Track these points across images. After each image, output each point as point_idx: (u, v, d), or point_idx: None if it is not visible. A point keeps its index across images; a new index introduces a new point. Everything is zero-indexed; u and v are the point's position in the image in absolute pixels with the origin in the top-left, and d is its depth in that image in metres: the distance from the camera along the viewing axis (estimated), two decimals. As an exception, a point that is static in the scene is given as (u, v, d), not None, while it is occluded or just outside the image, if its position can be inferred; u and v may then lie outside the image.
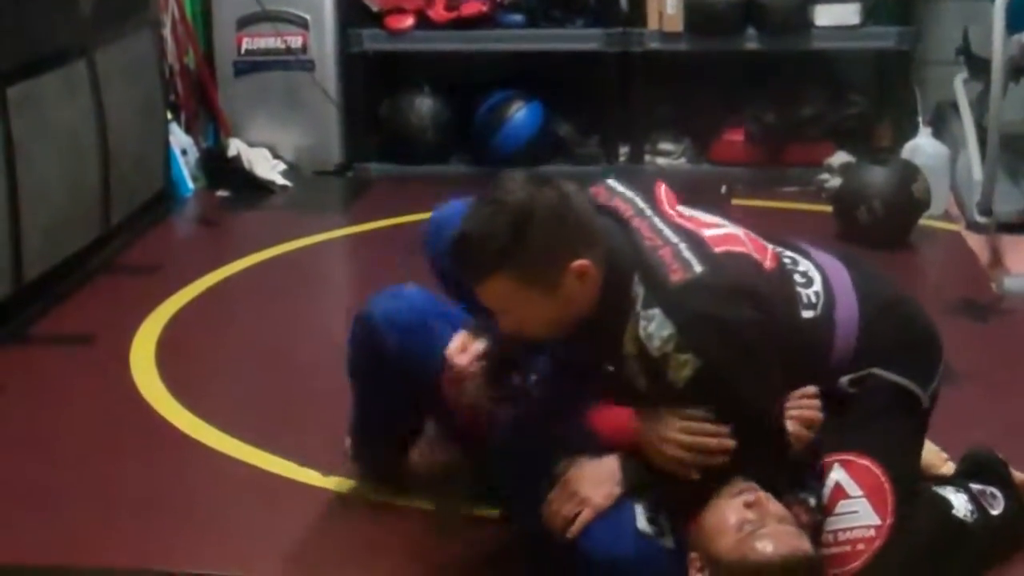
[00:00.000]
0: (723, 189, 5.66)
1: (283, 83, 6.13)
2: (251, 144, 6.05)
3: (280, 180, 5.97)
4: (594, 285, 2.52)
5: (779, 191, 5.68)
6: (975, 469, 3.00)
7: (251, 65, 6.15)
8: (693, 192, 3.08)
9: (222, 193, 5.85)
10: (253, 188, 5.88)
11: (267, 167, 5.99)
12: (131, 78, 5.25)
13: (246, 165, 5.90)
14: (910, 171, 5.07)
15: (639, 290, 2.51)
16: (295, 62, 6.10)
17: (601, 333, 2.55)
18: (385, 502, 3.13)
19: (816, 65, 6.06)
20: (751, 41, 5.84)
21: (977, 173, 4.98)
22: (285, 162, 6.11)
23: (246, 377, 3.99)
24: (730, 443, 2.51)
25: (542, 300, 2.51)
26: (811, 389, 2.67)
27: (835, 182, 5.29)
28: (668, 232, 2.57)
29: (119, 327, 4.27)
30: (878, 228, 4.94)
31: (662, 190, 2.67)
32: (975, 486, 2.90)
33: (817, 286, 2.75)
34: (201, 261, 4.96)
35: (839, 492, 2.69)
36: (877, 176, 5.03)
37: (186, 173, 5.84)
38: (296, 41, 6.09)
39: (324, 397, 3.73)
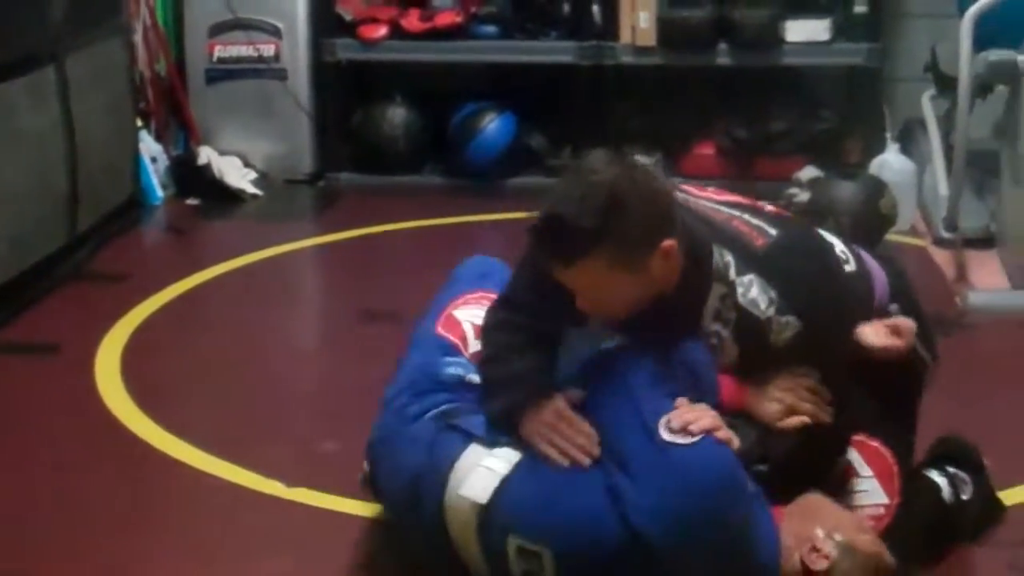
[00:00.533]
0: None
1: (255, 91, 6.13)
2: (222, 152, 6.04)
3: (251, 189, 5.97)
4: (677, 263, 2.51)
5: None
6: (949, 453, 3.04)
7: (223, 73, 6.15)
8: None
9: (192, 201, 5.84)
10: (223, 197, 5.87)
11: (238, 176, 5.98)
12: (101, 85, 5.24)
13: (216, 173, 5.89)
14: (877, 186, 5.08)
15: (728, 259, 2.54)
16: (267, 70, 6.10)
17: (678, 310, 2.55)
18: (350, 514, 3.13)
19: (787, 81, 6.09)
20: (723, 56, 5.86)
21: (943, 189, 5.01)
22: (256, 171, 6.10)
23: (212, 387, 3.98)
24: (830, 398, 2.58)
25: (629, 280, 2.49)
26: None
27: (804, 196, 5.29)
28: (724, 207, 2.63)
29: (85, 336, 4.26)
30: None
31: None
32: (951, 470, 2.97)
33: (839, 242, 2.84)
34: (169, 269, 4.95)
35: (850, 471, 2.79)
36: (845, 191, 5.04)
37: (155, 181, 5.83)
38: (269, 49, 6.09)
39: (291, 408, 3.75)
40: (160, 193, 5.85)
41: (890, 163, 5.38)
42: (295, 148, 6.18)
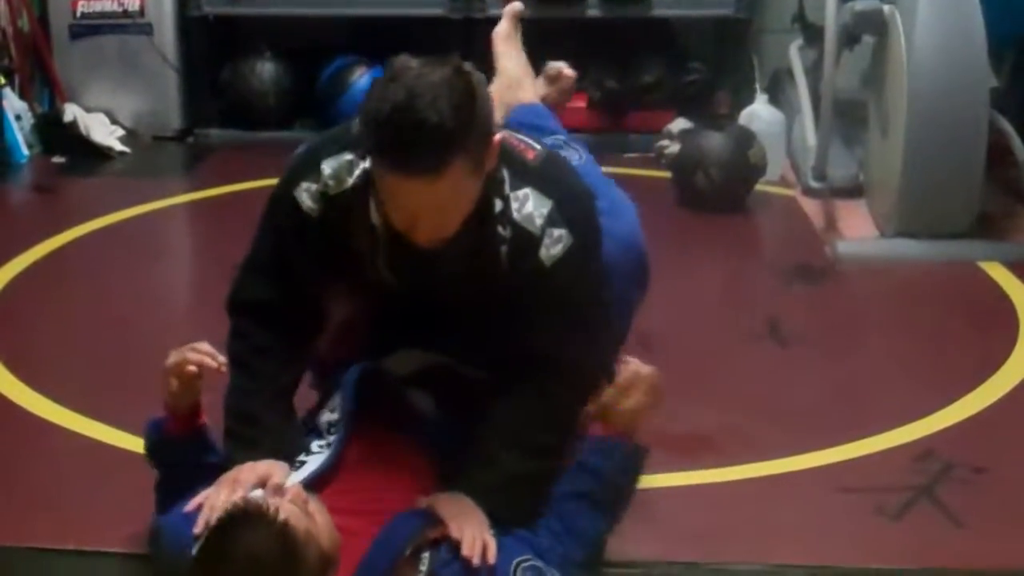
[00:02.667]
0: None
1: (120, 47, 6.03)
2: (88, 109, 5.94)
3: (118, 146, 5.88)
4: (495, 160, 2.42)
5: (620, 157, 5.72)
6: None
7: (87, 29, 6.04)
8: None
9: (58, 159, 5.74)
10: (90, 154, 5.78)
11: (104, 133, 5.89)
12: (-39, 42, 5.13)
13: (83, 131, 5.80)
14: (746, 137, 5.15)
15: (503, 174, 2.46)
16: (132, 25, 6.00)
17: (472, 237, 2.45)
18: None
19: (656, 32, 6.12)
20: (592, 8, 5.88)
21: (812, 139, 5.07)
22: (123, 128, 6.02)
23: (82, 347, 3.93)
24: None
25: (474, 185, 2.36)
26: None
27: (674, 148, 5.35)
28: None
29: (-50, 296, 4.19)
30: (715, 193, 5.02)
31: None
32: None
33: None
34: (36, 229, 4.86)
35: None
36: (714, 142, 5.10)
37: (20, 139, 5.72)
38: (133, 4, 5.99)
39: (159, 365, 3.68)
40: (25, 151, 5.75)
41: (759, 114, 5.44)
42: (163, 104, 6.10)
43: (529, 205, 2.46)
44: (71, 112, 5.85)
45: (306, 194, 2.53)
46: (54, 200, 5.42)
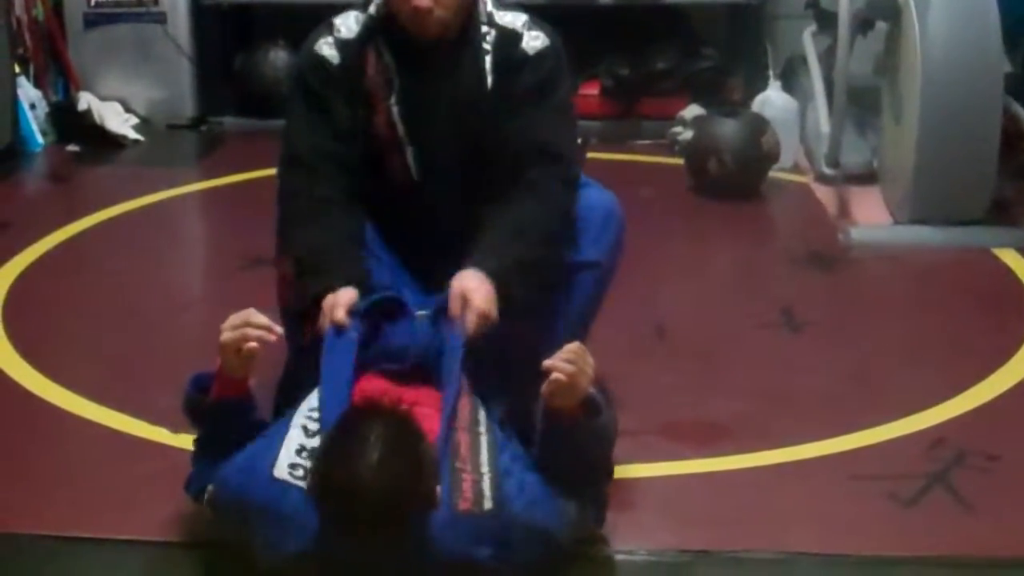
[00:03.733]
0: (578, 141, 5.68)
1: (134, 36, 6.05)
2: (102, 98, 5.95)
3: (132, 134, 5.89)
4: None
5: (633, 144, 5.73)
6: None
7: (101, 17, 6.06)
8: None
9: (72, 148, 5.76)
10: (104, 143, 5.79)
11: (118, 121, 5.90)
12: (-24, 32, 5.14)
13: (97, 119, 5.81)
14: (759, 124, 5.15)
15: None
16: (146, 14, 6.02)
17: (462, 56, 2.88)
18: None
19: (669, 19, 6.11)
20: (606, -4, 5.89)
21: (825, 126, 5.06)
22: (137, 116, 6.03)
23: (95, 335, 3.94)
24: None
25: None
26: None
27: (687, 134, 5.35)
28: None
29: (-35, 285, 4.20)
30: (729, 180, 5.02)
31: None
32: None
33: None
34: (50, 217, 4.87)
35: None
36: (727, 129, 5.10)
37: (35, 128, 5.74)
38: (147, -7, 6.01)
39: (175, 354, 3.71)
40: (40, 140, 5.76)
41: (772, 100, 5.43)
42: (176, 93, 6.11)
43: (508, 16, 2.94)
44: (85, 101, 5.86)
45: (326, 46, 2.93)
46: (68, 188, 5.44)
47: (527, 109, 2.89)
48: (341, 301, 2.70)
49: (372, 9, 2.94)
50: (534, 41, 2.91)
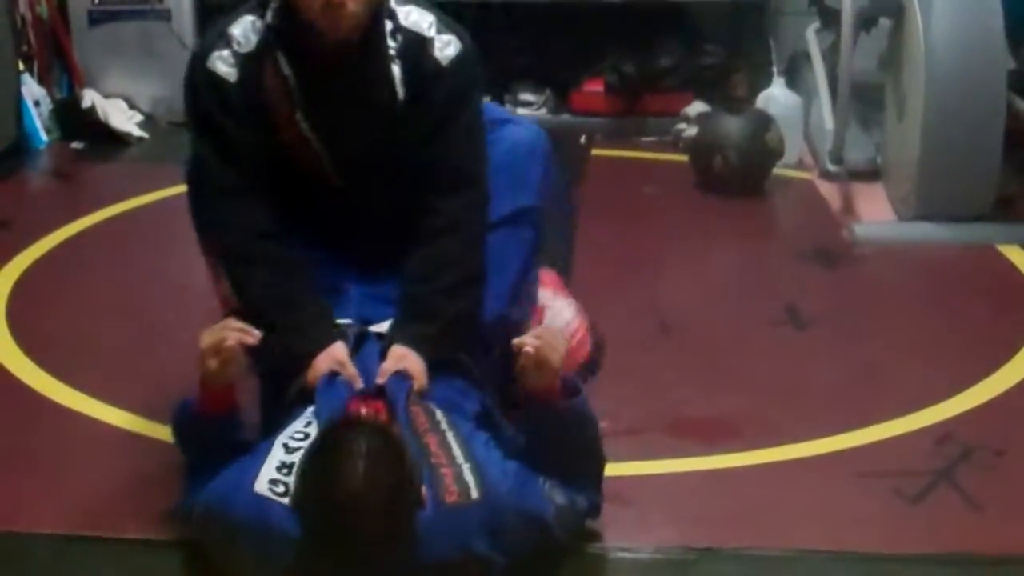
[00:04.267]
0: (583, 139, 5.68)
1: (139, 33, 6.03)
2: (106, 95, 5.95)
3: (136, 131, 5.89)
4: None
5: (638, 141, 5.73)
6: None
7: (106, 15, 6.05)
8: (553, 142, 3.12)
9: (76, 145, 5.75)
10: (109, 140, 5.79)
11: (123, 118, 5.90)
12: (-20, 29, 5.14)
13: (101, 116, 5.81)
14: (764, 120, 5.14)
15: None
16: (150, 11, 6.01)
17: (368, 66, 2.72)
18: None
19: (673, 16, 6.10)
20: (610, -7, 5.89)
21: (829, 122, 5.06)
22: (142, 113, 6.03)
23: (100, 333, 3.93)
24: None
25: None
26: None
27: (692, 131, 5.35)
28: None
29: (-31, 283, 4.20)
30: (733, 177, 5.01)
31: None
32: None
33: None
34: (54, 215, 4.87)
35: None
36: (731, 125, 5.09)
37: (39, 125, 5.73)
38: (152, -10, 6.01)
39: (178, 352, 3.70)
40: (44, 137, 5.76)
41: (776, 97, 5.43)
42: (180, 90, 6.07)
43: (414, 15, 2.76)
44: (89, 98, 5.86)
45: (219, 62, 2.73)
46: (72, 186, 5.43)
47: (439, 128, 2.77)
48: (339, 357, 2.71)
49: (269, 17, 2.73)
50: (446, 49, 2.76)
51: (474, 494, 2.46)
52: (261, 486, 2.48)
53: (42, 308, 4.10)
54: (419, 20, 2.76)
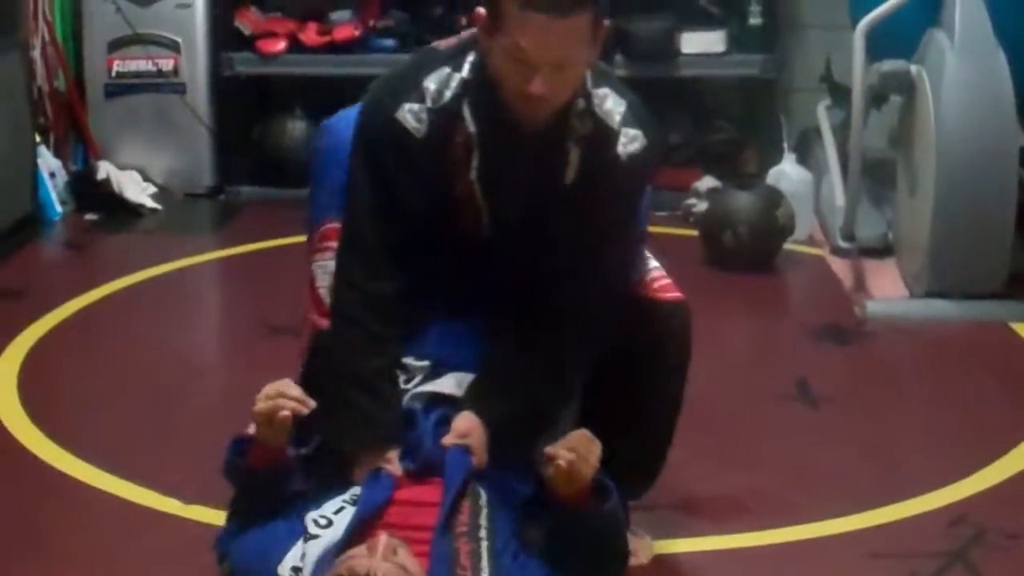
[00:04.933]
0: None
1: (154, 106, 6.09)
2: (121, 167, 5.99)
3: (150, 203, 5.92)
4: (601, 46, 2.58)
5: (648, 215, 5.73)
6: None
7: (122, 88, 6.11)
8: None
9: (91, 216, 5.79)
10: (122, 211, 5.82)
11: (137, 190, 5.94)
12: (-1, 101, 5.19)
13: (115, 188, 5.85)
14: (774, 196, 5.16)
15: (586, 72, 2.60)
16: (166, 85, 6.07)
17: (551, 130, 2.59)
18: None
19: (683, 92, 6.14)
20: (619, 67, 5.90)
21: (840, 199, 5.08)
22: (156, 185, 6.07)
23: (110, 404, 3.93)
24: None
25: (586, 54, 2.53)
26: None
27: (702, 207, 5.36)
28: None
29: (-19, 354, 4.21)
30: (744, 252, 5.02)
31: None
32: None
33: None
34: (68, 285, 4.89)
35: None
36: (742, 201, 5.11)
37: (54, 196, 5.77)
38: (167, 64, 6.06)
39: (189, 424, 3.72)
40: (59, 208, 5.79)
41: (787, 173, 5.44)
42: (195, 162, 6.15)
43: (609, 102, 2.61)
44: (104, 170, 5.90)
45: (410, 115, 2.60)
46: (86, 257, 5.46)
47: (598, 212, 2.64)
48: (392, 458, 2.63)
49: (466, 71, 2.62)
50: (631, 145, 2.61)
51: None
52: (284, 570, 2.49)
53: (54, 378, 4.11)
54: (612, 110, 2.62)
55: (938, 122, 4.48)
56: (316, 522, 2.55)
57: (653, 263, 2.95)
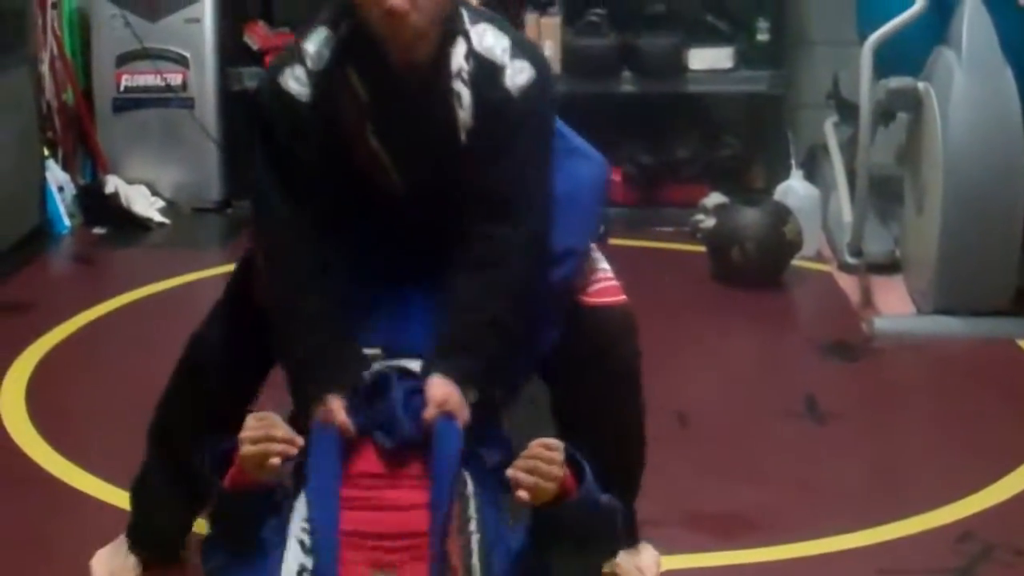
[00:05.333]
0: (600, 229, 5.71)
1: (162, 120, 6.10)
2: (129, 181, 6.00)
3: (158, 217, 5.93)
4: None
5: (655, 231, 5.74)
6: None
7: (130, 102, 6.12)
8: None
9: (99, 230, 5.80)
10: (130, 225, 5.84)
11: (145, 204, 5.95)
12: (7, 115, 5.22)
13: (123, 202, 5.86)
14: (782, 212, 5.16)
15: (460, 9, 2.61)
16: (175, 99, 6.08)
17: (430, 79, 2.58)
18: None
19: (691, 108, 6.15)
20: (627, 84, 5.92)
21: (847, 215, 5.08)
22: (164, 199, 6.08)
23: (119, 418, 3.92)
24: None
25: None
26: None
27: (709, 223, 5.36)
28: None
29: (-10, 367, 4.22)
30: (751, 269, 5.02)
31: None
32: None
33: None
34: (76, 299, 4.90)
35: None
36: (749, 217, 5.11)
37: (62, 210, 5.78)
38: (176, 79, 6.07)
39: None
40: (67, 222, 5.80)
41: (795, 189, 5.45)
42: (203, 176, 6.16)
43: (489, 38, 2.61)
44: (112, 184, 5.91)
45: (292, 80, 2.60)
46: (94, 271, 5.47)
47: (500, 156, 2.62)
48: (336, 407, 2.57)
49: (343, 29, 2.62)
50: (519, 76, 2.61)
51: None
52: None
53: (62, 392, 4.12)
54: (493, 45, 2.62)
55: (945, 139, 4.48)
56: (304, 530, 2.50)
57: (602, 264, 2.92)
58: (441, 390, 2.55)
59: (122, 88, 6.10)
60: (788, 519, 3.25)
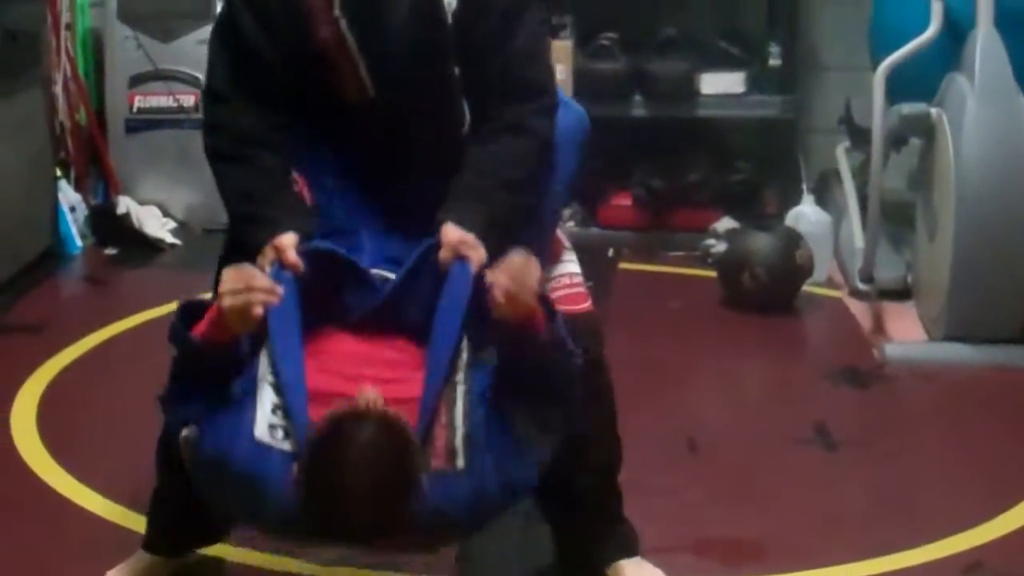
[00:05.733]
0: (610, 253, 5.72)
1: (174, 141, 6.11)
2: (141, 202, 6.02)
3: (169, 238, 5.94)
4: None
5: (665, 256, 5.74)
6: None
7: (143, 123, 6.14)
8: (581, 255, 3.12)
9: (110, 251, 5.81)
10: (142, 246, 5.85)
11: (157, 225, 5.96)
12: (19, 135, 5.22)
13: (135, 223, 5.87)
14: (793, 238, 5.15)
15: None
16: (187, 121, 6.08)
17: None
18: (267, 569, 3.13)
19: (702, 132, 6.15)
20: (639, 108, 5.93)
21: (859, 240, 5.07)
22: (175, 220, 6.09)
23: (130, 439, 3.90)
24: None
25: None
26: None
27: (720, 247, 5.36)
28: None
29: (1, 387, 4.21)
30: (762, 294, 5.02)
31: None
32: None
33: None
34: (87, 320, 4.90)
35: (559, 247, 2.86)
36: (761, 242, 5.11)
37: (74, 230, 5.80)
38: (188, 100, 6.08)
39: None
40: (79, 243, 5.82)
41: (806, 214, 5.44)
42: (214, 198, 5.98)
43: None
44: (124, 204, 5.92)
45: None
46: (106, 291, 5.48)
47: (496, 46, 2.53)
48: (286, 244, 2.53)
49: None
50: None
51: (460, 463, 2.38)
52: (261, 431, 2.40)
53: (72, 413, 4.12)
54: None
55: (958, 165, 4.48)
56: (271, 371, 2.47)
57: (570, 267, 2.87)
58: (456, 233, 2.49)
59: (135, 109, 6.12)
60: (797, 546, 3.24)
